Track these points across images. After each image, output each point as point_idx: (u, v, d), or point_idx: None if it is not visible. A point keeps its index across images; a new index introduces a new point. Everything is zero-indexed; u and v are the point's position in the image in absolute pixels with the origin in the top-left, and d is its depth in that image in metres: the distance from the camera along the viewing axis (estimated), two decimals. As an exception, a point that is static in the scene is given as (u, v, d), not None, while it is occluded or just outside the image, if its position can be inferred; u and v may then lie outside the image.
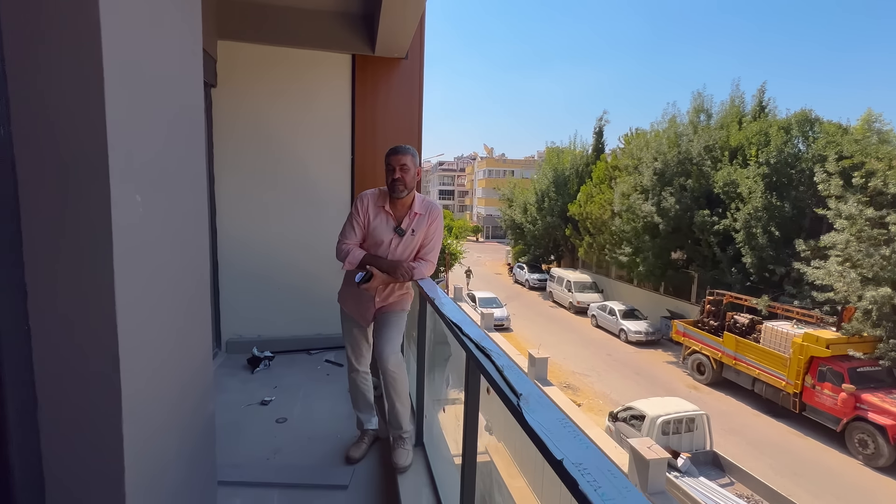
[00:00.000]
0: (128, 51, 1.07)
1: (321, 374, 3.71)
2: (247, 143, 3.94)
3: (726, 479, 9.02)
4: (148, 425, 1.19)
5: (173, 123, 1.37)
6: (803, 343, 11.64)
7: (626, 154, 20.62)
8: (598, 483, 0.65)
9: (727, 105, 17.77)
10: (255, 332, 4.10)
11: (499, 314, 18.75)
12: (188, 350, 1.50)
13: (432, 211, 2.37)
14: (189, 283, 1.49)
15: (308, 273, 4.06)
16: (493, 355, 1.16)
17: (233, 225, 3.96)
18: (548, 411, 0.87)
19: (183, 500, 1.44)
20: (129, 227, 1.07)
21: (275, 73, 3.97)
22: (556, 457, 0.72)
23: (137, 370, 1.11)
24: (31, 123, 0.95)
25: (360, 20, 3.96)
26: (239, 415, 2.99)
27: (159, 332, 1.27)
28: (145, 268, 1.17)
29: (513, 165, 56.15)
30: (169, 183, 1.32)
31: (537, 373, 10.59)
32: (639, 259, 18.96)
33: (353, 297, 2.39)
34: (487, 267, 36.36)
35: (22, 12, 0.92)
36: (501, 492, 5.66)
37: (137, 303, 1.11)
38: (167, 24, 1.33)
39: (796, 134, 15.04)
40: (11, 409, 0.96)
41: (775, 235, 14.47)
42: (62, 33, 0.94)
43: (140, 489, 1.13)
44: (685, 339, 15.47)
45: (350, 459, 2.45)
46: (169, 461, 1.34)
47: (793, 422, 12.18)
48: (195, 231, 1.56)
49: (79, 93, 0.96)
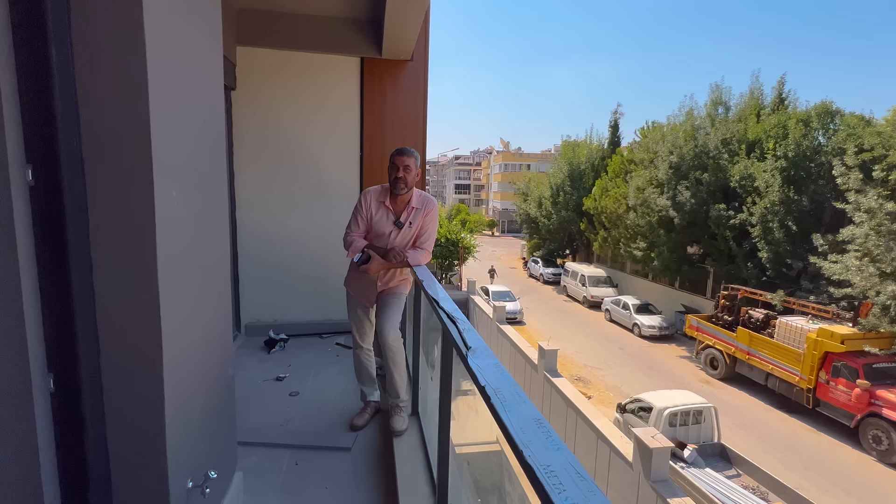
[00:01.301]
0: (166, 67, 1.34)
1: (331, 355, 4.02)
2: (263, 142, 4.26)
3: (733, 471, 9.09)
4: (182, 377, 1.48)
5: (201, 126, 1.66)
6: (818, 338, 11.54)
7: (642, 148, 20.48)
8: (504, 398, 0.90)
9: (746, 97, 17.49)
10: (271, 317, 4.43)
11: (511, 307, 18.92)
12: (212, 321, 1.79)
13: (427, 204, 2.62)
14: (214, 266, 1.78)
15: (320, 263, 4.36)
16: (457, 322, 1.41)
17: (251, 218, 4.28)
18: (487, 358, 1.12)
19: (209, 442, 1.73)
20: (167, 217, 1.35)
21: (289, 76, 4.26)
22: (481, 383, 0.97)
23: (173, 328, 1.40)
24: (96, 134, 1.23)
25: (368, 25, 4.22)
26: (257, 388, 3.31)
27: (190, 302, 1.56)
28: (179, 252, 1.45)
29: (529, 159, 55.86)
30: (198, 180, 1.60)
31: (547, 365, 10.77)
32: (654, 254, 18.88)
33: (358, 281, 2.66)
34: (502, 261, 36.48)
35: (88, 38, 1.20)
36: (512, 481, 5.95)
37: (173, 276, 1.40)
38: (196, 40, 1.61)
39: (816, 127, 14.75)
40: (81, 355, 1.25)
41: (792, 230, 14.28)
42: (117, 54, 1.22)
43: (175, 423, 1.43)
44: (698, 333, 15.43)
45: (354, 427, 2.75)
46: (197, 408, 1.63)
47: (806, 417, 12.11)
48: (219, 224, 1.85)
49: (129, 104, 1.24)
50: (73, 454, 1.27)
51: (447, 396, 1.67)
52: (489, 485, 4.95)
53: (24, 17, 1.10)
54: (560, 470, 0.67)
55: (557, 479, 0.65)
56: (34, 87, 1.13)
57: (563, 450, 0.72)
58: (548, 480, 0.65)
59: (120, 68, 1.22)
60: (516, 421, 0.82)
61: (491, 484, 4.95)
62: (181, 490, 1.47)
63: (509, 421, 0.81)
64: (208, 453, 1.72)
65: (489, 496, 4.35)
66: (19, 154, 1.12)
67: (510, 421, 0.81)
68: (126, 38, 1.21)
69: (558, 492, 0.63)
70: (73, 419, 1.26)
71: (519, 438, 0.76)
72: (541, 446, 0.73)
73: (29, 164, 1.14)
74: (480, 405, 2.24)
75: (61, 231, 1.19)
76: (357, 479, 2.32)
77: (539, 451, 0.72)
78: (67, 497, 1.27)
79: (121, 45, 1.21)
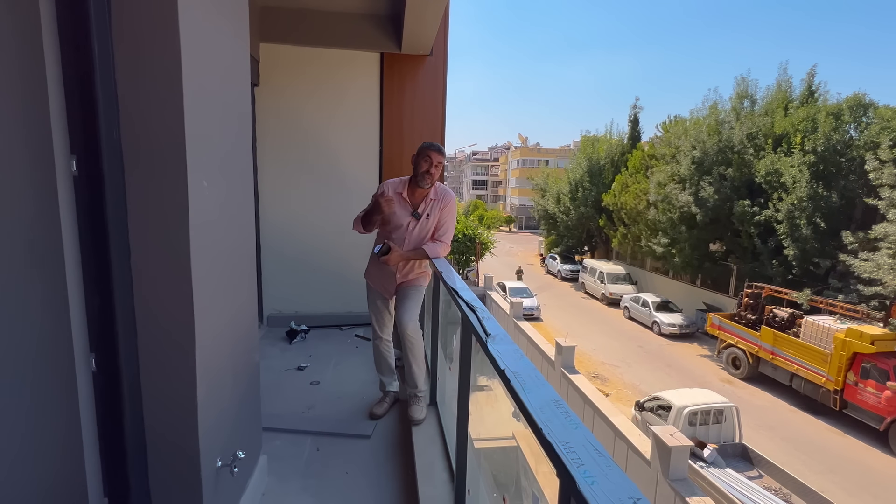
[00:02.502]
0: (199, 63, 1.40)
1: (351, 346, 4.09)
2: (285, 137, 4.34)
3: (755, 471, 8.92)
4: (212, 361, 1.54)
5: (230, 120, 1.72)
6: (846, 338, 11.20)
7: (664, 142, 20.08)
8: (524, 381, 0.93)
9: (773, 90, 16.96)
10: (292, 309, 4.52)
11: (528, 304, 18.84)
12: (240, 308, 1.86)
13: (445, 196, 2.64)
14: (241, 256, 1.85)
15: (341, 256, 4.43)
16: (477, 310, 1.44)
17: (273, 212, 4.38)
18: (507, 345, 1.15)
19: (237, 424, 1.80)
20: (199, 206, 1.41)
21: (310, 72, 4.33)
22: (500, 367, 0.99)
23: (204, 314, 1.47)
24: (134, 127, 1.29)
25: (388, 20, 4.25)
26: (279, 377, 3.40)
27: (220, 288, 1.62)
28: (210, 240, 1.51)
29: (547, 155, 55.32)
30: (226, 172, 1.66)
31: (564, 361, 10.72)
32: (675, 250, 18.53)
33: (378, 273, 2.71)
34: (519, 257, 36.30)
35: (126, 35, 1.26)
36: (528, 476, 5.98)
37: (205, 263, 1.46)
38: (226, 37, 1.66)
39: (847, 120, 14.23)
40: (120, 337, 1.32)
41: (821, 227, 13.84)
42: (154, 51, 1.28)
43: (206, 404, 1.50)
44: (720, 332, 15.11)
45: (373, 415, 2.80)
46: (226, 391, 1.70)
47: (832, 419, 11.77)
48: (246, 215, 1.91)
49: (166, 104, 1.30)
50: (113, 430, 1.34)
51: (466, 385, 1.70)
52: (505, 480, 4.98)
53: (68, 15, 1.16)
54: (578, 446, 0.70)
55: (576, 455, 0.67)
56: (78, 82, 1.19)
57: (581, 428, 0.75)
58: (567, 456, 0.67)
59: (156, 64, 1.28)
60: (535, 401, 0.84)
61: (507, 479, 4.98)
62: (211, 468, 1.54)
63: (528, 401, 0.84)
64: (236, 435, 1.79)
65: (505, 491, 4.38)
66: (64, 145, 1.19)
67: (529, 402, 0.84)
68: (162, 35, 1.26)
69: (577, 465, 0.65)
70: (112, 397, 1.33)
71: (538, 417, 0.78)
72: (559, 424, 0.76)
73: (73, 154, 1.21)
74: (496, 401, 2.28)
75: (102, 219, 1.26)
76: (377, 466, 2.38)
77: (558, 429, 0.74)
78: (107, 469, 1.35)
79: (157, 42, 1.27)
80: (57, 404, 1.25)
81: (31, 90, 1.12)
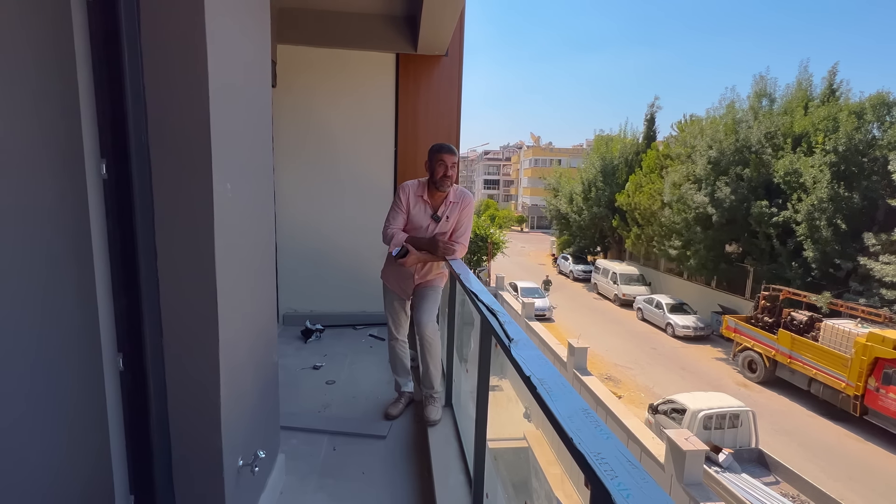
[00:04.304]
0: (224, 68, 1.42)
1: (365, 346, 4.11)
2: (301, 137, 4.37)
3: (771, 477, 8.76)
4: (234, 361, 1.56)
5: (253, 123, 1.73)
6: (867, 343, 10.93)
7: (679, 142, 19.80)
8: (550, 388, 0.92)
9: (793, 89, 16.61)
10: (308, 308, 4.56)
11: (540, 304, 18.74)
12: (260, 308, 1.87)
13: (464, 198, 2.64)
14: (262, 257, 1.87)
15: (356, 256, 4.46)
16: (498, 314, 1.44)
17: (289, 211, 4.42)
18: (530, 350, 1.14)
19: (257, 423, 1.82)
20: (223, 209, 1.43)
21: (326, 73, 4.36)
22: (525, 373, 0.99)
23: (228, 314, 1.48)
24: (161, 131, 1.31)
25: (404, 21, 4.26)
26: (294, 376, 3.44)
27: (242, 289, 1.64)
28: (234, 243, 1.53)
29: (560, 154, 54.93)
30: (249, 175, 1.68)
31: (576, 362, 10.64)
32: (689, 252, 18.28)
33: (395, 273, 2.71)
34: (531, 257, 36.14)
35: (155, 41, 1.28)
36: (538, 477, 5.93)
37: (229, 265, 1.48)
38: (250, 42, 1.68)
39: (870, 119, 13.87)
40: (147, 337, 1.34)
41: (842, 228, 13.52)
42: (181, 56, 1.30)
43: (229, 404, 1.51)
44: (736, 335, 14.87)
45: (388, 416, 2.81)
46: (247, 390, 1.72)
47: (852, 425, 11.51)
48: (266, 217, 1.93)
49: (192, 109, 1.32)
50: (139, 427, 1.37)
51: (485, 388, 1.70)
52: (517, 480, 4.97)
53: (99, 22, 1.18)
54: (611, 458, 0.69)
55: (609, 467, 0.67)
56: (108, 87, 1.21)
57: (612, 439, 0.74)
58: (600, 467, 0.67)
59: (183, 69, 1.30)
60: (563, 410, 0.84)
61: (518, 480, 4.96)
62: (233, 466, 1.56)
63: (557, 410, 0.83)
64: (256, 434, 1.81)
65: (517, 491, 4.35)
66: (95, 149, 1.22)
67: (558, 410, 0.83)
68: (190, 41, 1.28)
69: (611, 478, 0.64)
70: (139, 396, 1.36)
71: (568, 427, 0.77)
72: (590, 434, 0.75)
73: (103, 158, 1.23)
74: (507, 401, 2.27)
75: (130, 222, 1.28)
76: (393, 466, 2.39)
77: (589, 440, 0.73)
78: (133, 466, 1.38)
79: (185, 48, 1.28)
80: (86, 403, 1.27)
81: (63, 96, 1.15)
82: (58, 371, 1.24)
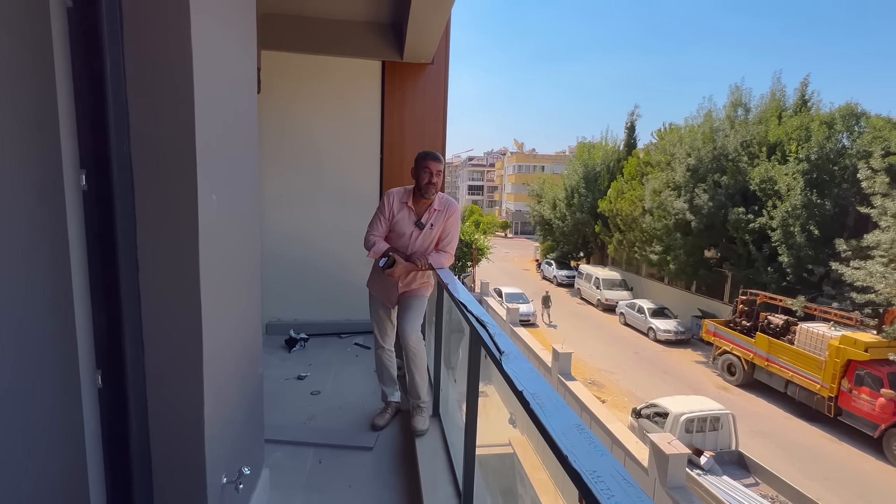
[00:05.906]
0: (210, 76, 1.39)
1: (350, 355, 4.06)
2: (286, 144, 4.33)
3: (751, 479, 8.93)
4: (218, 375, 1.52)
5: (237, 133, 1.70)
6: (840, 346, 11.28)
7: (659, 150, 20.25)
8: (543, 403, 0.92)
9: (767, 99, 17.18)
10: (292, 317, 4.49)
11: (525, 310, 18.84)
12: (245, 321, 1.84)
13: (449, 207, 2.64)
14: (247, 268, 1.83)
15: (340, 263, 4.41)
16: (488, 326, 1.43)
17: (274, 218, 4.36)
18: (522, 363, 1.14)
19: (241, 439, 1.78)
20: (208, 221, 1.39)
21: (311, 79, 4.33)
22: (518, 388, 0.98)
23: (212, 329, 1.45)
24: (144, 141, 1.28)
25: (390, 29, 4.26)
26: (279, 387, 3.37)
27: (227, 302, 1.60)
28: (219, 255, 1.50)
29: (543, 161, 55.54)
30: (234, 185, 1.65)
31: (561, 368, 10.70)
32: (670, 257, 18.65)
33: (380, 282, 2.69)
34: (515, 263, 36.34)
35: (138, 48, 1.25)
36: (524, 484, 5.90)
37: (214, 278, 1.45)
38: (236, 49, 1.65)
39: (840, 129, 14.42)
40: (127, 353, 1.30)
41: (815, 234, 13.98)
42: (165, 64, 1.27)
43: (212, 419, 1.47)
44: (715, 338, 15.18)
45: (375, 426, 2.78)
46: (231, 405, 1.68)
47: (827, 426, 11.83)
48: (252, 227, 1.90)
49: (177, 117, 1.29)
50: (118, 447, 1.32)
51: (474, 399, 1.69)
52: (502, 487, 4.94)
53: (80, 28, 1.15)
54: (607, 476, 0.69)
55: (605, 485, 0.67)
56: (88, 96, 1.18)
57: (607, 455, 0.74)
58: (596, 486, 0.67)
59: (168, 78, 1.27)
60: (557, 426, 0.83)
61: (504, 487, 4.94)
62: (217, 483, 1.52)
63: (551, 427, 0.83)
64: (240, 449, 1.77)
65: (502, 498, 4.34)
66: (74, 160, 1.18)
67: (552, 427, 0.83)
68: (174, 49, 1.25)
69: (607, 497, 0.64)
70: (118, 414, 1.31)
71: (562, 444, 0.77)
72: (585, 452, 0.75)
73: (83, 169, 1.19)
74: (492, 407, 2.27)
75: (111, 234, 1.24)
76: (380, 478, 2.36)
77: (584, 457, 0.73)
78: (112, 486, 1.32)
79: (169, 55, 1.26)
80: (62, 422, 1.22)
81: (42, 104, 1.11)
82: (33, 389, 1.19)
